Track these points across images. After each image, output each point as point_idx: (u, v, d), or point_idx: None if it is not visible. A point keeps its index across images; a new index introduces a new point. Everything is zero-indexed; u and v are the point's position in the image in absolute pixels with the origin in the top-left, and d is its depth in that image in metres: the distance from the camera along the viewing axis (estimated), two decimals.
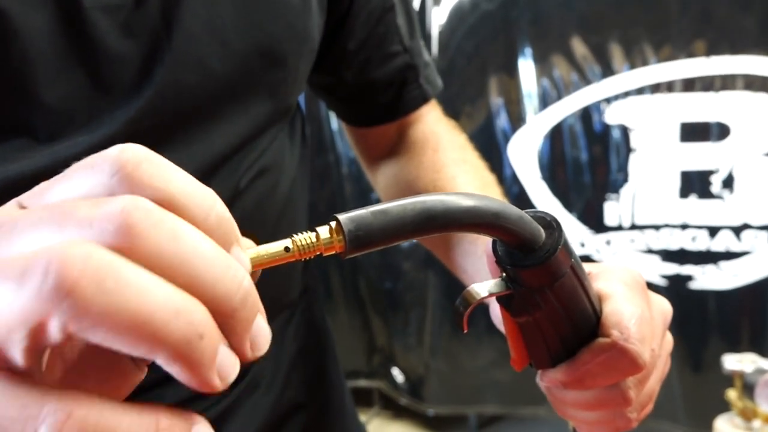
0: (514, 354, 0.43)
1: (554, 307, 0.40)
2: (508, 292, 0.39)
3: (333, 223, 0.30)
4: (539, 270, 0.37)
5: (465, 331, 0.39)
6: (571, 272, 0.39)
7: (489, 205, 0.33)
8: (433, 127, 0.73)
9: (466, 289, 0.39)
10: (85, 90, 0.47)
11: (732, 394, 0.80)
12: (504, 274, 0.39)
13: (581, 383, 0.43)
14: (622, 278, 0.44)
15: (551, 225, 0.38)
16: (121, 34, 0.47)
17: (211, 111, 0.53)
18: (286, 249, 0.29)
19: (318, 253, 0.30)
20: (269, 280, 0.63)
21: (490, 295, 0.39)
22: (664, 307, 0.47)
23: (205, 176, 0.53)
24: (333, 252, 0.31)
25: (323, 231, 0.30)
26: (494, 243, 0.39)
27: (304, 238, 0.30)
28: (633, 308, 0.42)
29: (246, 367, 0.63)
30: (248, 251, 0.28)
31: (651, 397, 0.46)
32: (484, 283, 0.39)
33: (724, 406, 1.05)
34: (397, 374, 2.47)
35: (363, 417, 2.50)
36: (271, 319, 0.75)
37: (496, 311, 0.51)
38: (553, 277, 0.38)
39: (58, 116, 0.46)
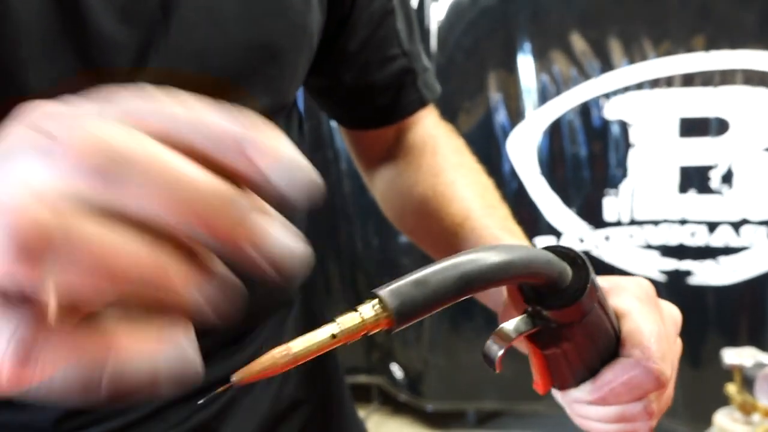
0: (538, 378, 0.44)
1: (581, 338, 0.41)
2: (536, 330, 0.40)
3: (375, 300, 0.29)
4: (570, 309, 0.38)
5: (498, 371, 0.39)
6: (597, 306, 0.40)
7: (521, 256, 0.34)
8: (431, 131, 0.73)
9: (496, 331, 0.39)
10: (74, 75, 0.45)
11: (731, 389, 0.80)
12: (530, 309, 0.40)
13: (605, 401, 0.44)
14: (636, 294, 0.45)
15: (576, 262, 0.38)
16: (117, 19, 0.46)
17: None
18: (333, 336, 0.29)
19: (365, 333, 0.30)
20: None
21: (520, 335, 0.40)
22: (674, 317, 0.47)
23: None
24: (380, 329, 0.31)
25: (366, 310, 0.30)
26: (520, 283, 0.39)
27: (349, 320, 0.29)
28: (651, 326, 0.43)
29: (243, 364, 0.63)
30: (295, 343, 0.27)
31: (668, 403, 0.48)
32: (511, 322, 0.40)
33: (724, 401, 1.05)
34: (396, 370, 2.47)
35: (362, 413, 2.50)
36: (270, 315, 0.75)
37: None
38: (581, 314, 0.39)
39: (46, 101, 0.45)
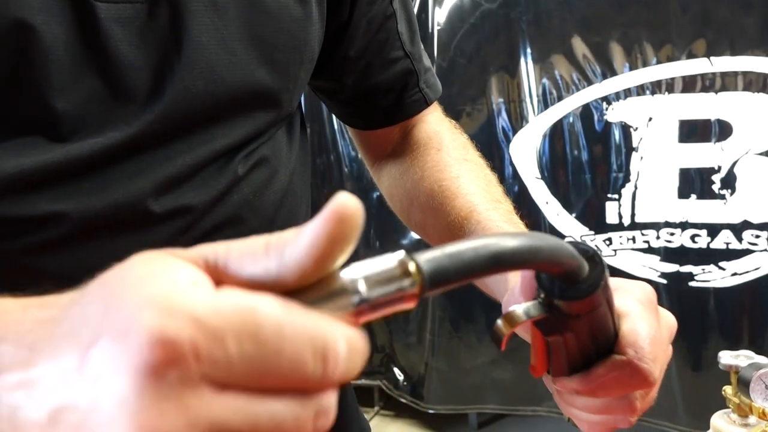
0: (535, 362, 0.46)
1: (585, 331, 0.43)
2: (544, 316, 0.41)
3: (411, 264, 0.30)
4: (581, 302, 0.40)
5: (502, 350, 0.41)
6: (605, 303, 0.42)
7: (549, 245, 0.35)
8: (436, 127, 0.75)
9: (507, 312, 0.41)
10: (99, 97, 0.49)
11: (728, 391, 0.80)
12: (542, 297, 0.41)
13: (593, 393, 0.46)
14: (638, 297, 0.47)
15: (593, 259, 0.40)
16: (134, 44, 0.50)
17: (216, 116, 0.55)
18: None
19: None
20: None
21: (529, 318, 0.41)
22: (671, 324, 0.49)
23: (202, 167, 0.56)
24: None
25: None
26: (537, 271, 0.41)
27: None
28: (648, 328, 0.45)
29: None
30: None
31: (650, 403, 0.50)
32: (521, 306, 0.42)
33: (724, 404, 1.06)
34: (398, 373, 2.47)
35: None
36: None
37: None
38: (590, 308, 0.41)
39: (71, 120, 0.49)
